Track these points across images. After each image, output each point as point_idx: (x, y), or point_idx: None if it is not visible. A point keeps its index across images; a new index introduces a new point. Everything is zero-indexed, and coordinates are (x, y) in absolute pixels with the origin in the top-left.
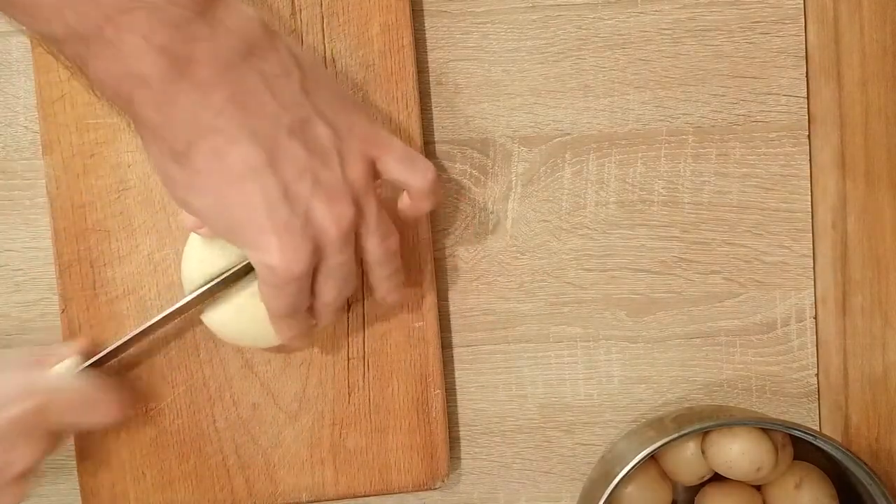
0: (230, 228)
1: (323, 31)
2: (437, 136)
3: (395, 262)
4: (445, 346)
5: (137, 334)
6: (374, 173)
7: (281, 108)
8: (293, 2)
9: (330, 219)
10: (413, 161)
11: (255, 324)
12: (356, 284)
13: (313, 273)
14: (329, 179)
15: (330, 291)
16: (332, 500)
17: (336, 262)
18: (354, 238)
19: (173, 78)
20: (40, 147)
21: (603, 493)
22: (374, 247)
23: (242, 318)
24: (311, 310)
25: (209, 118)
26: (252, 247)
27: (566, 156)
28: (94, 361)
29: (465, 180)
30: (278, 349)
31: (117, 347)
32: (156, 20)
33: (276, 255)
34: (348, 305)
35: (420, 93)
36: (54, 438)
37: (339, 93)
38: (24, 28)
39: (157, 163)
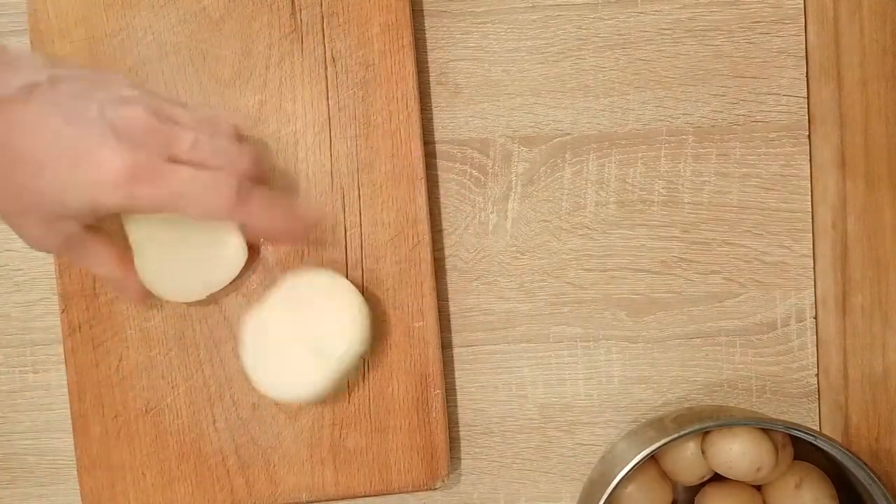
0: (74, 187)
1: (323, 31)
2: (437, 136)
3: (243, 158)
4: (445, 346)
5: None
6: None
7: (30, 70)
8: (293, 2)
9: (123, 120)
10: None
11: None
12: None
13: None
14: (106, 96)
15: (209, 156)
16: (332, 500)
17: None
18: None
19: None
20: None
21: (603, 493)
22: (204, 142)
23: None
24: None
25: None
26: (91, 181)
27: (566, 156)
28: None
29: (465, 180)
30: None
31: None
32: None
33: (108, 157)
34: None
35: (420, 93)
36: None
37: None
38: None
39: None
